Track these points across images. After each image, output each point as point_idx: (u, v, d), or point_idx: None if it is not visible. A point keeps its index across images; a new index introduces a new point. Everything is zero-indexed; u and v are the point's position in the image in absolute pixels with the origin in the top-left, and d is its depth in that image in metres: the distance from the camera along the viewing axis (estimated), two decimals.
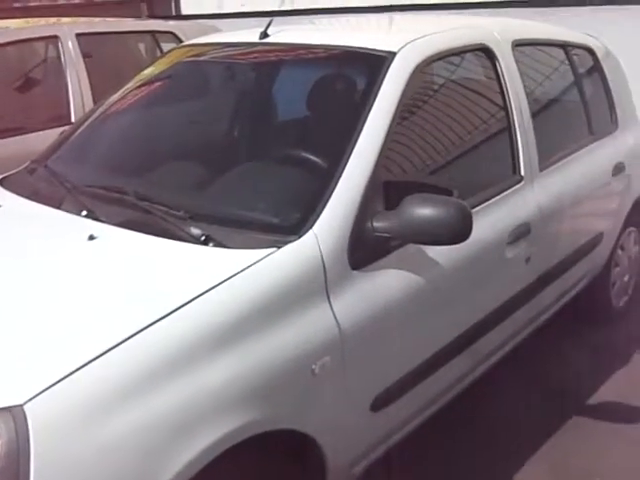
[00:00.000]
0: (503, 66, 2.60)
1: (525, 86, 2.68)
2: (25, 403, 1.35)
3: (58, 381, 1.39)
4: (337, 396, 1.86)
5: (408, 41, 2.31)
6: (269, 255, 1.77)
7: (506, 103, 2.59)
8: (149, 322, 1.55)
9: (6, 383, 1.41)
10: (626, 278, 3.52)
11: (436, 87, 2.58)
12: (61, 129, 3.22)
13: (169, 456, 1.47)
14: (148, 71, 2.90)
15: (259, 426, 1.65)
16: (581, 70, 3.25)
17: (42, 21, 4.71)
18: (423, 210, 1.87)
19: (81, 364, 1.43)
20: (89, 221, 2.00)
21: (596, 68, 3.33)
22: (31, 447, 1.32)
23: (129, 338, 1.50)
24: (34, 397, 1.36)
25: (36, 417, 1.34)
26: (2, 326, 1.60)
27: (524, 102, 2.63)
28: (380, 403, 1.99)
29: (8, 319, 1.62)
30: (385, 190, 2.02)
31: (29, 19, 4.76)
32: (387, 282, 1.96)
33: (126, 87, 2.80)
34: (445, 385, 2.31)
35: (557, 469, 2.50)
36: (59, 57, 4.22)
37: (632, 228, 3.46)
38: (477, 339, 2.36)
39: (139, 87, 2.81)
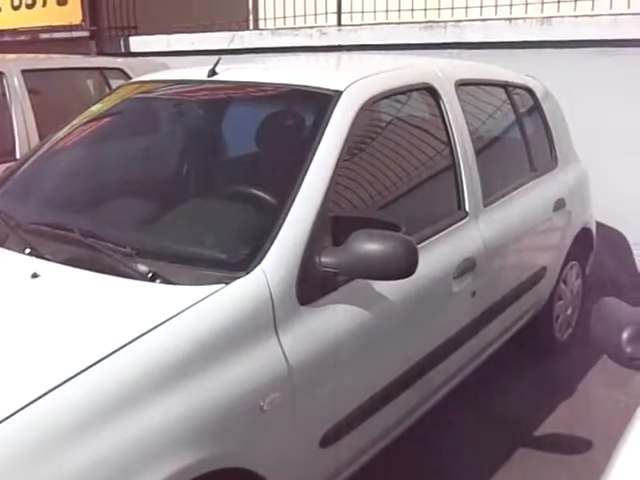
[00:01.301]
0: (447, 104, 2.68)
1: (468, 124, 2.76)
2: None
3: None
4: (286, 432, 1.85)
5: (354, 80, 2.36)
6: (217, 291, 1.76)
7: (450, 141, 2.66)
8: (93, 361, 1.52)
9: None
10: (569, 311, 3.60)
11: (382, 125, 2.63)
12: (5, 165, 3.17)
13: None
14: (96, 107, 2.89)
15: (207, 465, 1.62)
16: (522, 109, 3.36)
17: None
18: (370, 245, 1.89)
19: (18, 407, 1.39)
20: (32, 259, 1.96)
21: (536, 107, 3.46)
22: None
23: (71, 378, 1.47)
24: None
25: None
26: None
27: (468, 140, 2.71)
28: (329, 439, 1.98)
29: None
30: (333, 226, 2.05)
31: None
32: (335, 317, 1.97)
33: (73, 123, 2.78)
34: (394, 419, 2.32)
35: None
36: (4, 93, 4.17)
37: (574, 262, 3.56)
38: (425, 373, 2.38)
39: (87, 123, 2.80)
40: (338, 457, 2.08)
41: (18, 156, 3.93)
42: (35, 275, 1.86)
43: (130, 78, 4.33)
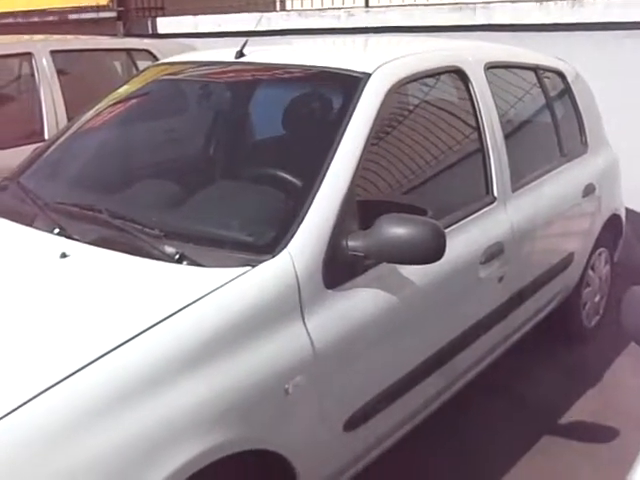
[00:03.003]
0: (476, 88, 2.64)
1: (497, 108, 2.72)
2: None
3: (23, 404, 1.37)
4: (310, 416, 1.85)
5: (383, 62, 2.33)
6: (243, 274, 1.76)
7: (479, 124, 2.63)
8: (121, 341, 1.53)
9: None
10: (597, 298, 3.56)
11: (410, 108, 2.60)
12: (34, 146, 3.19)
13: (141, 478, 1.45)
14: (123, 89, 2.89)
15: (232, 446, 1.63)
16: (552, 93, 3.31)
17: (15, 38, 4.68)
18: (397, 229, 1.88)
19: (48, 386, 1.41)
20: (61, 239, 1.98)
21: (566, 91, 3.40)
22: None
23: (100, 358, 1.48)
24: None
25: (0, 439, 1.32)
26: None
27: (497, 123, 2.67)
28: (353, 423, 1.98)
29: None
30: (359, 210, 2.03)
31: (2, 36, 4.73)
32: (361, 301, 1.97)
33: (101, 104, 2.79)
34: (419, 404, 2.31)
35: None
36: (33, 74, 4.20)
37: (602, 249, 3.51)
38: (450, 358, 2.37)
39: (114, 104, 2.80)
40: (362, 441, 2.08)
41: (46, 137, 3.97)
42: (64, 255, 1.87)
43: (157, 59, 4.33)
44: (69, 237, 1.98)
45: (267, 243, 1.88)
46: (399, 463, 2.40)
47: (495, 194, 2.60)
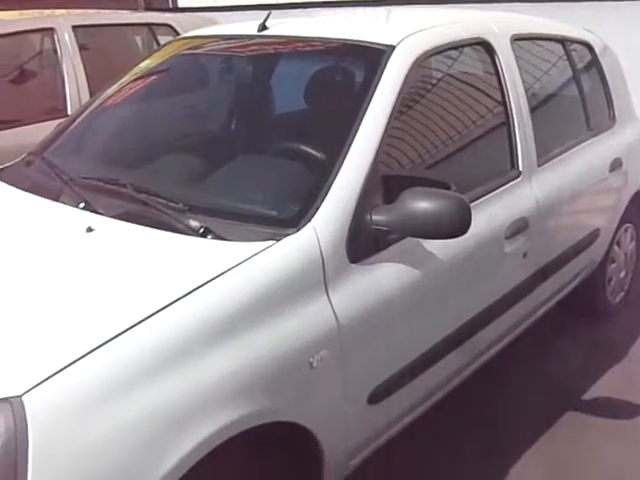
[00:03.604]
0: (502, 60, 2.60)
1: (523, 81, 2.67)
2: (23, 394, 1.34)
3: (56, 373, 1.39)
4: (334, 389, 1.86)
5: (408, 34, 2.30)
6: (268, 248, 1.76)
7: (504, 98, 2.59)
8: (148, 314, 1.54)
9: (4, 374, 1.40)
10: (622, 274, 3.52)
11: (434, 81, 2.57)
12: (57, 121, 3.20)
13: (167, 448, 1.47)
14: (145, 63, 2.89)
15: (256, 418, 1.64)
16: (579, 65, 3.25)
17: (37, 13, 4.68)
18: (422, 204, 1.87)
19: (79, 356, 1.43)
20: (86, 213, 1.99)
21: (594, 63, 3.33)
22: (29, 438, 1.31)
23: (127, 330, 1.50)
24: (32, 388, 1.35)
25: (34, 408, 1.34)
26: (3, 317, 1.59)
27: (522, 97, 2.63)
28: (377, 396, 1.99)
29: (6, 311, 1.61)
30: (383, 184, 2.02)
31: (23, 11, 4.73)
32: (385, 275, 1.96)
33: (123, 79, 2.78)
34: (442, 379, 2.31)
35: (552, 463, 2.51)
36: (55, 49, 4.20)
37: (628, 224, 3.46)
38: (474, 333, 2.36)
39: (136, 80, 2.80)
40: (386, 414, 2.09)
41: (69, 112, 3.98)
42: (90, 229, 1.88)
43: (178, 34, 4.32)
44: (94, 211, 1.99)
45: (291, 217, 1.87)
46: (421, 437, 2.41)
47: (520, 168, 2.57)
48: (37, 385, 1.36)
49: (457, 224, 1.90)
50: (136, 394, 1.44)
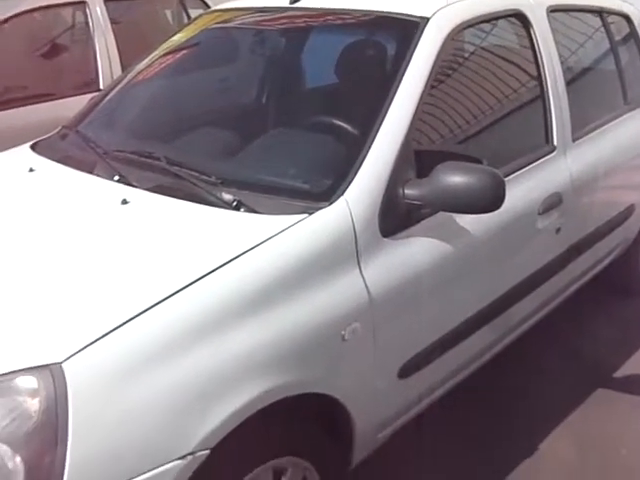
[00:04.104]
0: (537, 33, 2.55)
1: (559, 53, 2.63)
2: (63, 361, 1.38)
3: (95, 341, 1.42)
4: (365, 362, 1.87)
5: (441, 6, 2.27)
6: (300, 221, 1.77)
7: (540, 71, 2.55)
8: (182, 285, 1.56)
9: (45, 342, 1.44)
10: None
11: (469, 54, 2.54)
12: (90, 95, 3.23)
13: (200, 418, 1.49)
14: (176, 37, 2.89)
15: (288, 390, 1.66)
16: (617, 38, 3.18)
17: None
18: (456, 178, 1.85)
19: (116, 325, 1.45)
20: (121, 186, 2.01)
21: (632, 36, 3.26)
22: (69, 403, 1.35)
23: (162, 301, 1.52)
24: (72, 356, 1.39)
25: (74, 375, 1.37)
26: (41, 287, 1.62)
27: (558, 70, 2.59)
28: (408, 370, 2.00)
29: (46, 280, 1.64)
30: (416, 158, 2.01)
31: None
32: (417, 250, 1.96)
33: (155, 53, 2.79)
34: (472, 354, 2.32)
35: (582, 439, 2.51)
36: (87, 23, 4.22)
37: None
38: (506, 309, 2.35)
39: (168, 54, 2.80)
40: (415, 388, 2.10)
41: (101, 86, 4.01)
42: (125, 201, 1.90)
43: (209, 7, 4.30)
44: (128, 184, 2.01)
45: (324, 191, 1.87)
46: (451, 410, 2.42)
47: (555, 143, 2.54)
48: (76, 353, 1.39)
49: (491, 198, 1.88)
50: (171, 363, 1.47)
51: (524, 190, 2.33)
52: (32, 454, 1.33)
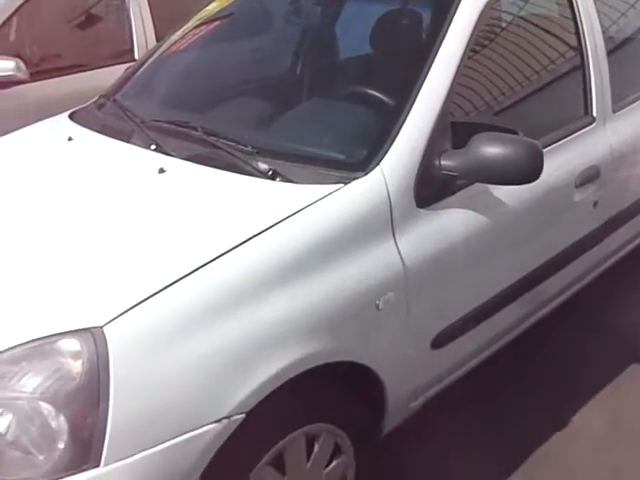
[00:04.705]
0: (579, 1, 2.49)
1: (601, 21, 2.57)
2: (105, 325, 1.41)
3: (134, 306, 1.45)
4: (399, 332, 1.88)
5: None
6: (336, 191, 1.77)
7: (580, 41, 2.50)
8: (219, 253, 1.58)
9: (88, 306, 1.47)
10: None
11: (506, 23, 2.49)
12: (125, 65, 3.25)
13: (237, 382, 1.52)
14: (211, 7, 2.88)
15: (322, 357, 1.68)
16: None
17: None
18: (493, 148, 1.84)
19: (155, 291, 1.48)
20: (158, 155, 2.03)
21: None
22: (110, 366, 1.38)
23: (201, 267, 1.54)
24: (113, 320, 1.42)
25: (114, 338, 1.41)
26: (84, 252, 1.66)
27: (599, 39, 2.53)
28: (440, 341, 2.00)
29: (87, 247, 1.68)
30: (452, 129, 1.99)
31: None
32: (452, 221, 1.95)
33: (190, 23, 2.79)
34: (505, 326, 2.31)
35: (613, 415, 2.50)
36: None
37: None
38: (540, 282, 2.33)
39: (202, 24, 2.80)
40: (448, 359, 2.11)
41: (136, 56, 4.03)
42: (162, 170, 1.92)
43: None
44: (165, 153, 2.03)
45: (359, 160, 1.87)
46: (481, 383, 2.43)
47: (594, 114, 2.49)
48: (117, 317, 1.43)
49: (528, 170, 1.87)
50: (209, 328, 1.50)
51: (561, 162, 2.30)
52: (75, 414, 1.37)
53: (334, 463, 1.86)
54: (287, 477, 1.73)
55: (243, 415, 1.52)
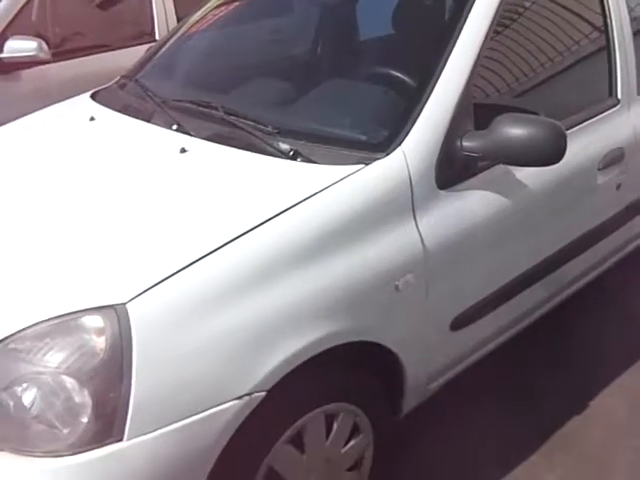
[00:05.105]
0: None
1: (627, 2, 2.53)
2: (127, 302, 1.43)
3: (157, 283, 1.46)
4: (418, 313, 1.88)
5: None
6: (357, 171, 1.77)
7: (606, 21, 2.47)
8: (240, 232, 1.59)
9: (111, 283, 1.49)
10: None
11: (530, 3, 2.45)
12: (146, 46, 3.26)
13: (258, 360, 1.53)
14: None
15: (342, 337, 1.69)
16: None
17: None
18: (516, 130, 1.82)
19: (178, 268, 1.50)
20: (179, 135, 2.04)
21: None
22: (133, 342, 1.40)
23: (223, 246, 1.55)
24: (135, 297, 1.44)
25: (137, 315, 1.42)
26: (106, 231, 1.67)
27: (626, 20, 2.50)
28: (460, 323, 2.00)
29: (111, 225, 1.70)
30: (475, 110, 1.98)
31: None
32: (474, 203, 1.94)
33: (210, 3, 2.79)
34: (525, 309, 2.31)
35: (633, 399, 2.49)
36: None
37: None
38: (561, 265, 2.32)
39: (223, 4, 2.80)
40: (467, 341, 2.11)
41: (157, 37, 4.03)
42: (183, 150, 1.93)
43: None
44: (187, 133, 2.03)
45: (380, 141, 1.86)
46: (500, 366, 2.42)
47: (619, 96, 2.47)
48: (140, 294, 1.44)
49: (552, 151, 1.85)
50: (230, 306, 1.51)
51: (585, 144, 2.28)
52: (98, 388, 1.39)
53: (352, 442, 1.87)
54: (306, 455, 1.74)
55: (264, 393, 1.53)
